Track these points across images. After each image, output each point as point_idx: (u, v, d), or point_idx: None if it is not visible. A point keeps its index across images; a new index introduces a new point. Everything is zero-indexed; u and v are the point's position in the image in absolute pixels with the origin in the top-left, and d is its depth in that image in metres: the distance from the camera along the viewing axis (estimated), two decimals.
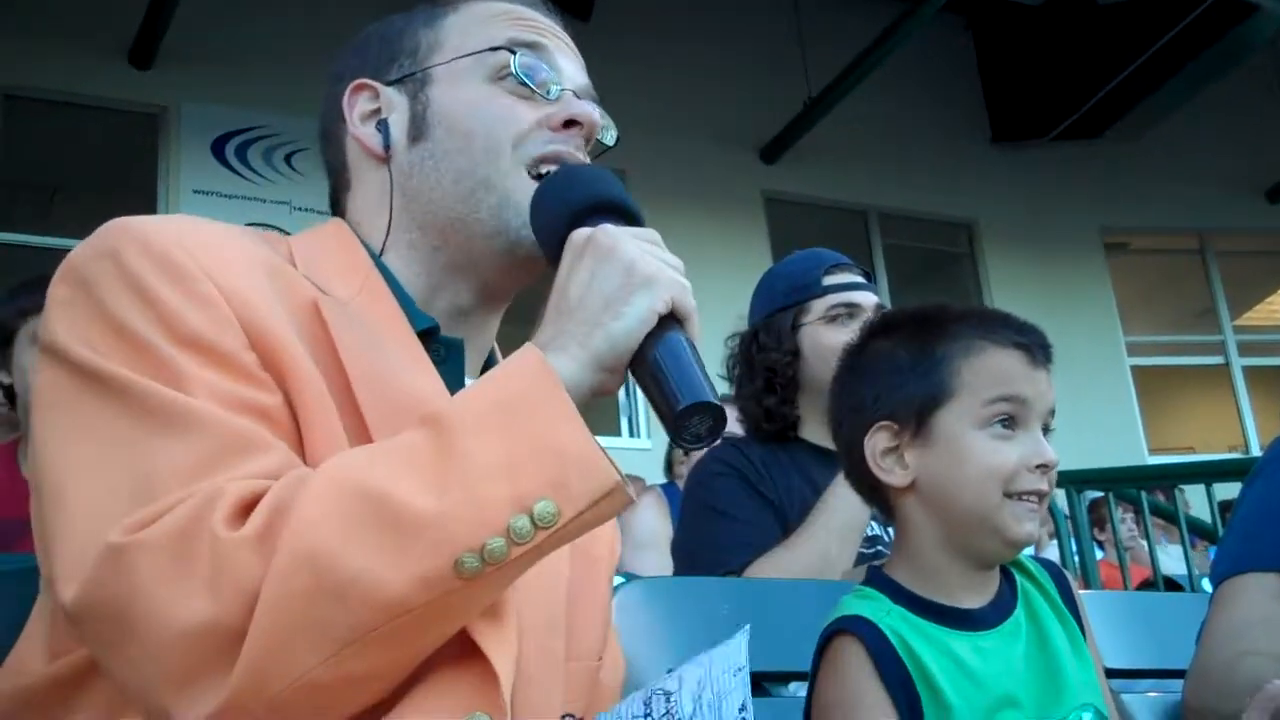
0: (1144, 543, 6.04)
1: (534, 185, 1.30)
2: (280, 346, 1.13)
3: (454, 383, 1.26)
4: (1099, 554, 6.35)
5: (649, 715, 1.08)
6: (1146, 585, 5.62)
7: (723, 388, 2.94)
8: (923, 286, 11.47)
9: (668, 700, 1.08)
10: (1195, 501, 6.54)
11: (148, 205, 8.27)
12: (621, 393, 9.34)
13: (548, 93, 1.36)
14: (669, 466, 5.87)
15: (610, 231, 1.16)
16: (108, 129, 8.59)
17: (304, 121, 8.44)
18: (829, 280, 2.69)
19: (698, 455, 5.03)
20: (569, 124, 1.36)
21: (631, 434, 9.14)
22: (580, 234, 1.17)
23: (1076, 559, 5.53)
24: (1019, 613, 1.58)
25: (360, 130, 1.38)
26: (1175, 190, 11.92)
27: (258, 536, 0.98)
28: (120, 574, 0.98)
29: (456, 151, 1.32)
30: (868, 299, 2.67)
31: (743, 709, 1.06)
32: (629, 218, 1.24)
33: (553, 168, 1.33)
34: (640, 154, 9.70)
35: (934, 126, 11.20)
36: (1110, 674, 1.76)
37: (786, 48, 9.89)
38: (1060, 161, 11.44)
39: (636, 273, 1.12)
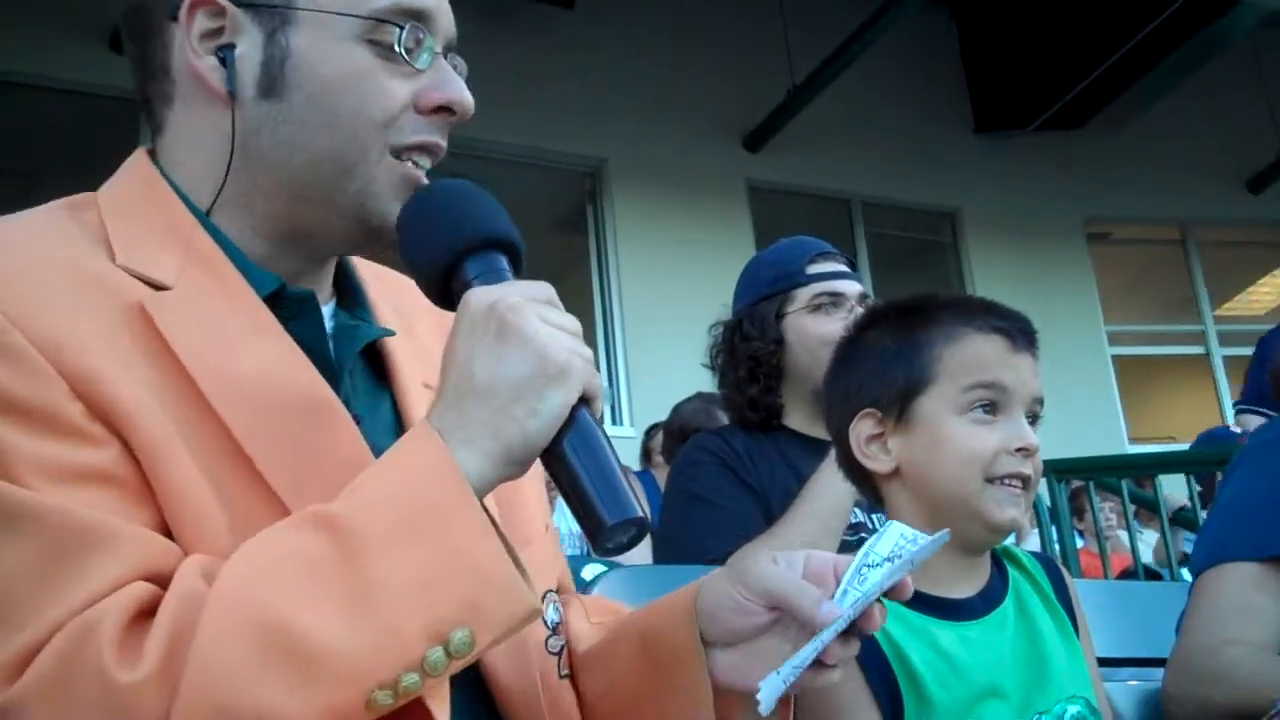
0: (1123, 533, 6.07)
1: (399, 169, 1.20)
2: (104, 385, 1.04)
3: (313, 335, 1.20)
4: (1079, 542, 6.37)
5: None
6: (1127, 574, 5.65)
7: (706, 377, 2.95)
8: (905, 275, 11.48)
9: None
10: (1174, 489, 6.58)
11: None
12: (605, 381, 9.35)
13: (419, 61, 1.22)
14: (645, 455, 5.89)
15: (516, 307, 1.05)
16: (87, 114, 8.52)
17: None
18: (813, 269, 2.69)
19: (673, 445, 5.09)
20: (440, 108, 1.23)
21: (614, 422, 9.14)
22: (479, 302, 1.07)
23: (1057, 547, 5.54)
24: (1008, 603, 1.59)
25: (198, 58, 1.20)
26: (1157, 180, 11.95)
27: (158, 675, 0.92)
28: None
29: (319, 126, 1.18)
30: (851, 288, 2.67)
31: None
32: (514, 254, 1.15)
33: (419, 157, 1.22)
34: (623, 142, 9.70)
35: (917, 115, 11.20)
36: None
37: (770, 35, 9.87)
38: (1043, 151, 11.45)
39: (550, 363, 1.03)
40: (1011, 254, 11.42)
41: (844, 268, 2.73)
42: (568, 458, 1.05)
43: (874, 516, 2.49)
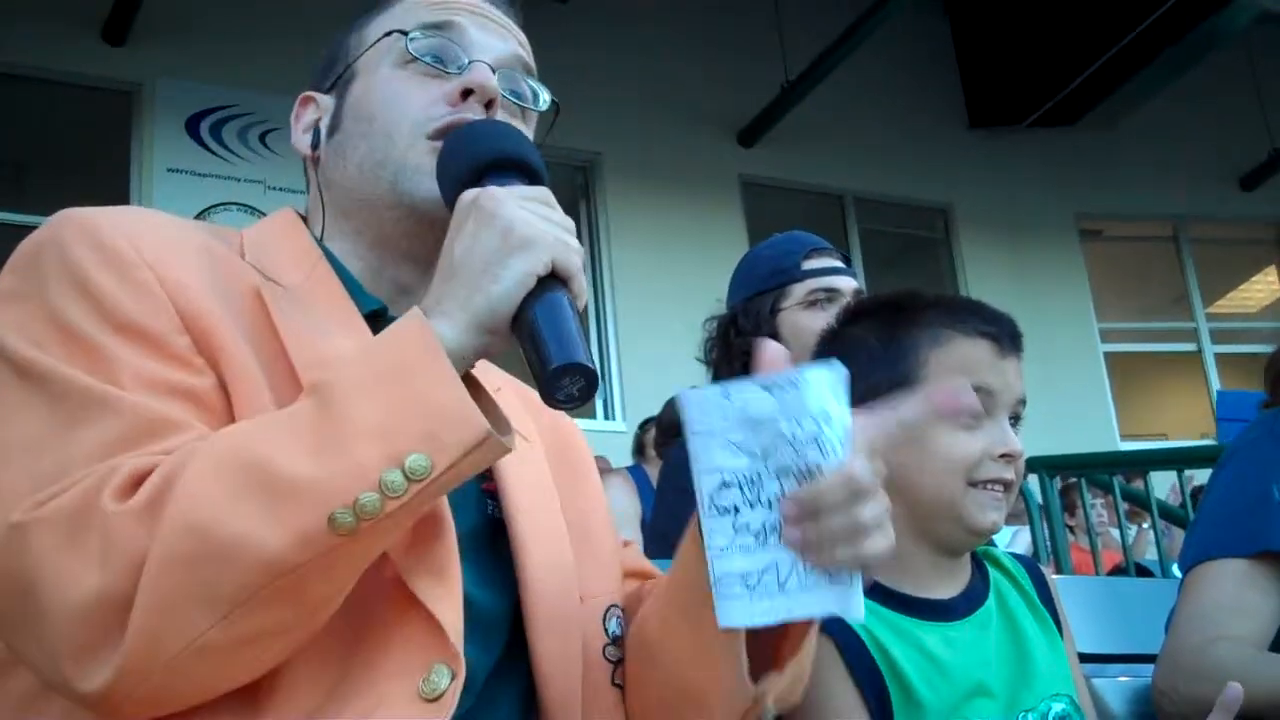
0: (1114, 531, 6.08)
1: (433, 150, 1.32)
2: (214, 329, 1.16)
3: None
4: (1070, 539, 6.38)
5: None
6: (1117, 570, 5.66)
7: (700, 371, 2.95)
8: (898, 271, 11.49)
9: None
10: (1165, 487, 6.60)
11: (121, 183, 8.21)
12: (599, 375, 9.39)
13: (460, 68, 1.37)
14: (638, 449, 5.88)
15: (493, 193, 1.16)
16: (81, 106, 8.52)
17: (279, 100, 8.37)
18: (809, 265, 2.69)
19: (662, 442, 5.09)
20: (466, 94, 1.35)
21: (607, 417, 9.14)
22: (466, 196, 1.19)
23: (1048, 544, 5.55)
24: (990, 603, 1.59)
25: (298, 139, 1.45)
26: (1150, 178, 11.97)
27: (144, 507, 1.01)
28: (19, 551, 1.02)
29: (360, 136, 1.36)
30: (847, 284, 2.67)
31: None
32: (529, 173, 1.24)
33: None
34: (616, 137, 9.70)
35: (911, 111, 11.21)
36: (1081, 659, 1.77)
37: (764, 31, 9.88)
38: (1036, 147, 11.47)
39: (514, 235, 1.12)
40: (1004, 250, 11.44)
41: (839, 263, 2.73)
42: (529, 326, 1.11)
43: None
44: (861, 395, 1.59)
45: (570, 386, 1.10)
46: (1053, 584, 1.69)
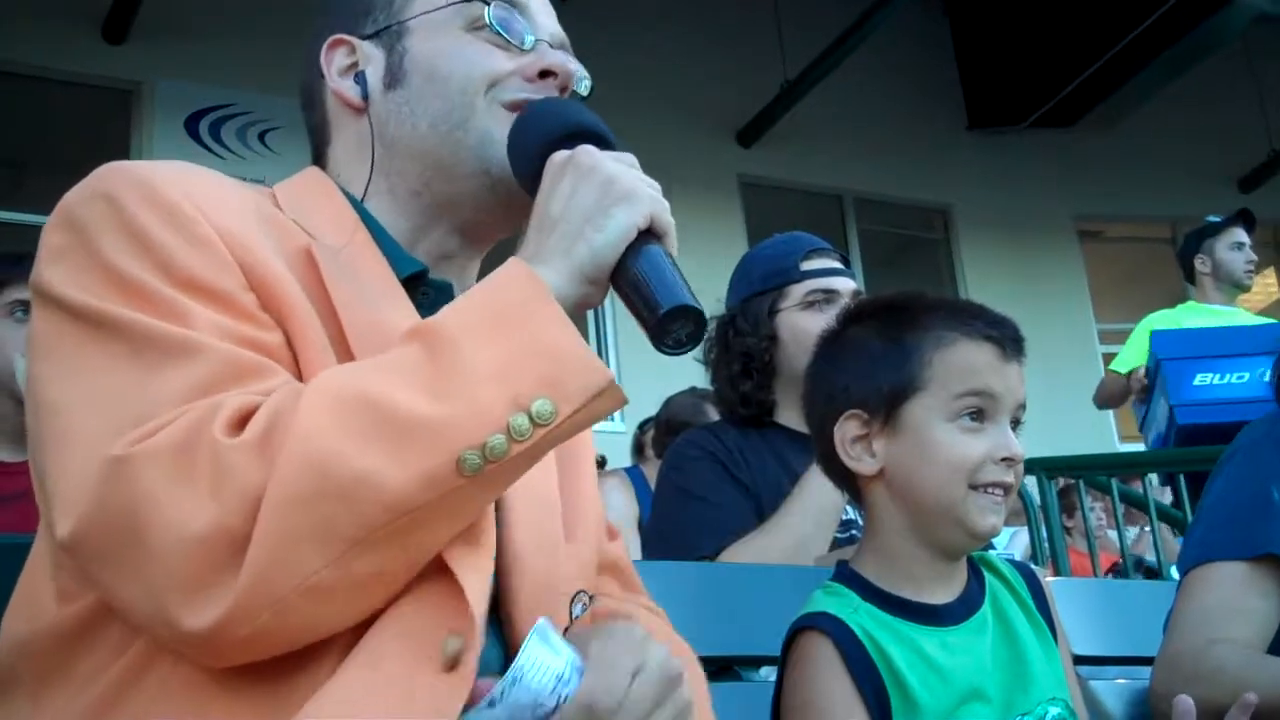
0: (1112, 532, 6.07)
1: (507, 120, 1.33)
2: (279, 287, 1.15)
3: None
4: (1067, 540, 6.36)
5: None
6: (1114, 572, 5.65)
7: (699, 373, 2.95)
8: (897, 271, 11.49)
9: None
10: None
11: None
12: None
13: (522, 43, 1.38)
14: (638, 450, 5.87)
15: (589, 151, 1.20)
16: (80, 104, 8.51)
17: (279, 99, 8.39)
18: (807, 265, 2.70)
19: (659, 442, 5.07)
20: (544, 74, 1.37)
21: (607, 418, 9.13)
22: (560, 155, 1.21)
23: (1046, 546, 5.54)
24: (986, 608, 1.60)
25: (338, 83, 1.40)
26: (1149, 179, 11.95)
27: (258, 441, 0.99)
28: (123, 485, 0.99)
29: (433, 95, 1.35)
30: (846, 285, 2.67)
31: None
32: (604, 144, 1.26)
33: None
34: (615, 135, 9.67)
35: (910, 112, 11.20)
36: (1079, 661, 1.78)
37: (764, 31, 9.87)
38: (1035, 148, 11.47)
39: (616, 188, 1.15)
40: (1003, 251, 11.43)
41: (838, 264, 2.73)
42: (634, 275, 1.13)
43: (863, 513, 2.50)
44: (863, 398, 1.60)
45: (679, 331, 1.13)
46: (1048, 589, 1.69)
